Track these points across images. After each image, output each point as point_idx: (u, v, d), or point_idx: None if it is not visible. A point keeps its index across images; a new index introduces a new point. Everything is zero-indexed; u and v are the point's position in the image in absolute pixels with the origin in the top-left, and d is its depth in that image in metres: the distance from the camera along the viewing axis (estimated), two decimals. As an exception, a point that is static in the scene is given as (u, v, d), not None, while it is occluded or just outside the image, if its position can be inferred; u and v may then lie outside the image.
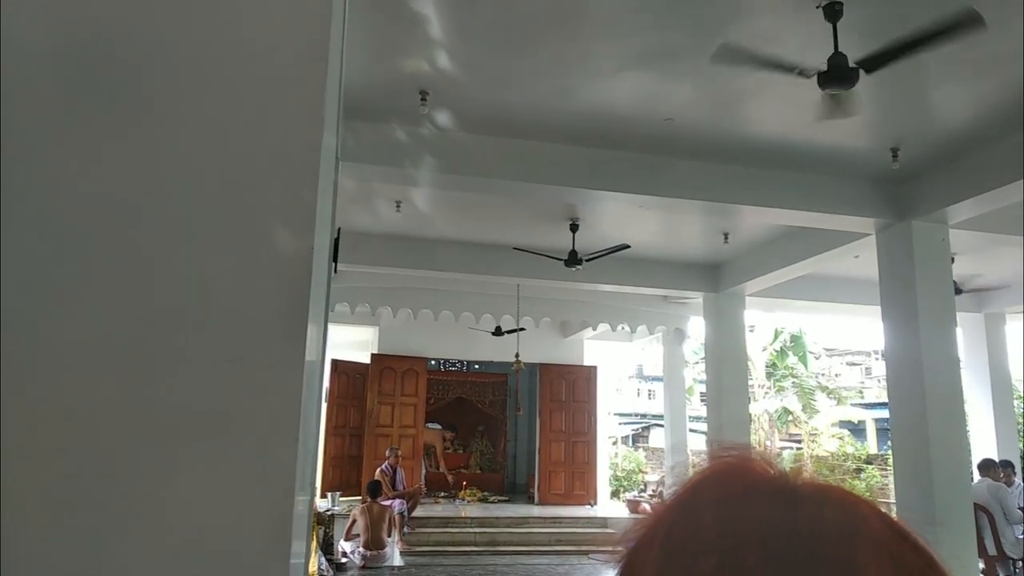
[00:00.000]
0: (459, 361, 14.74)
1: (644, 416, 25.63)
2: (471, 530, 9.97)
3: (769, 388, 15.74)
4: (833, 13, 3.62)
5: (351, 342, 13.26)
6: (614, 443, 18.13)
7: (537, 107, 5.08)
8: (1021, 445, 10.80)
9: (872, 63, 3.59)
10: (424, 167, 5.54)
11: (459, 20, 4.06)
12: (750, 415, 9.79)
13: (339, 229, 5.75)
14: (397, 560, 8.16)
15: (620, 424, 21.50)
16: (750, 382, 13.01)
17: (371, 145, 5.40)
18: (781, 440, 16.54)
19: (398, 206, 6.97)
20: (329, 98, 1.04)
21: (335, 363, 12.01)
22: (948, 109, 4.92)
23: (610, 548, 0.45)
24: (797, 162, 5.88)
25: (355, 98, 4.94)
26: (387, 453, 10.26)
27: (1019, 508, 7.15)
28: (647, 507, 11.06)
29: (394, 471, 9.98)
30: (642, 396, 29.73)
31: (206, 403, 0.86)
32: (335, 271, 5.98)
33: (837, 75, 3.69)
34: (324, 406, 11.35)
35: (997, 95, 4.66)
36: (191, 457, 0.85)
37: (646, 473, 15.95)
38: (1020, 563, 7.07)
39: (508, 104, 5.07)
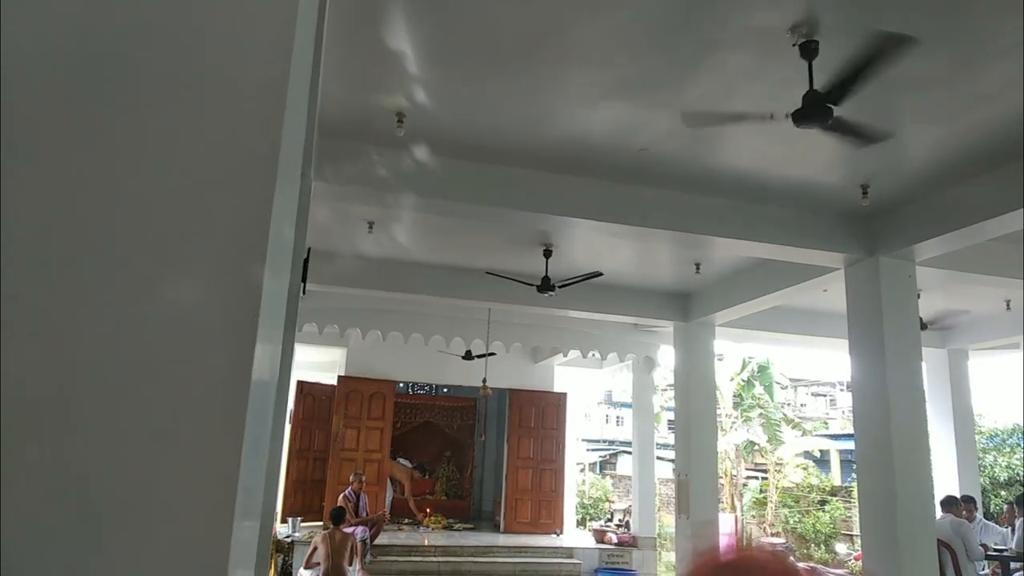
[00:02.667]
0: (428, 385, 14.59)
1: (612, 443, 25.57)
2: (435, 559, 9.79)
3: (736, 418, 15.79)
4: (809, 51, 3.66)
5: (318, 363, 13.07)
6: (582, 470, 18.05)
7: (512, 133, 5.07)
8: (982, 480, 10.95)
9: (836, 94, 3.65)
10: (398, 190, 5.48)
11: (436, 46, 4.04)
12: (716, 447, 9.78)
13: (309, 249, 5.65)
14: (358, 589, 7.95)
15: (588, 450, 21.44)
16: (718, 411, 13.05)
17: (345, 166, 5.34)
18: (747, 469, 16.58)
19: (371, 227, 6.90)
20: (292, 114, 1.00)
21: (300, 384, 11.81)
22: (917, 148, 5.00)
23: None
24: (769, 195, 5.94)
25: (330, 119, 4.88)
26: (351, 478, 10.06)
27: (980, 544, 7.21)
28: (612, 536, 10.98)
29: (357, 497, 9.77)
30: (610, 422, 29.69)
31: (135, 418, 0.82)
32: (304, 291, 5.85)
33: (812, 113, 3.73)
34: (288, 428, 11.12)
35: (965, 135, 4.75)
36: (115, 472, 0.80)
37: (613, 502, 15.87)
38: (981, 599, 7.12)
39: (483, 129, 5.05)
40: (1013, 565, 7.10)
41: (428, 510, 12.62)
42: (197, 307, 0.86)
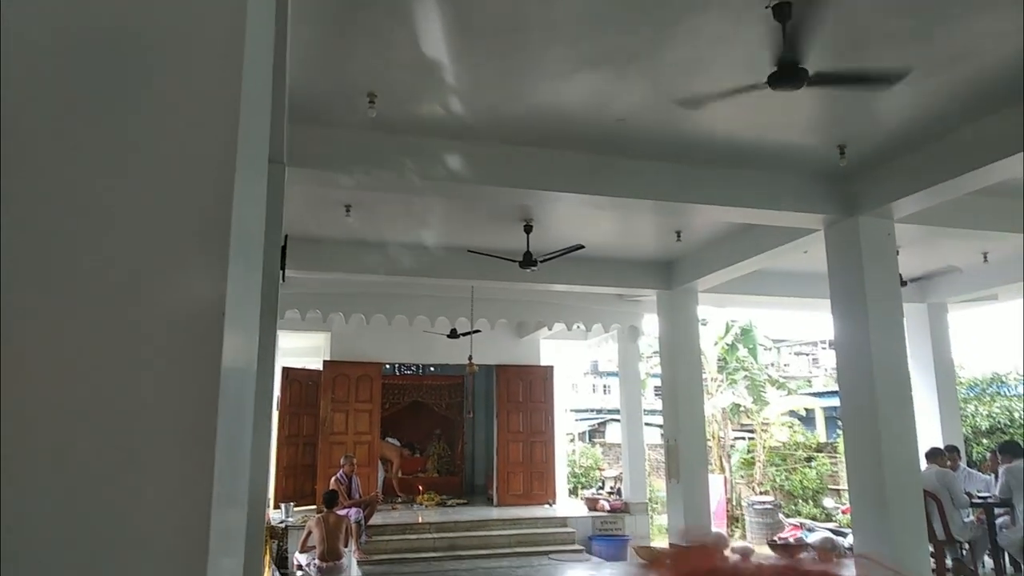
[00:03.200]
0: (414, 365, 14.58)
1: (600, 412, 25.74)
2: (430, 536, 9.86)
3: (722, 381, 15.95)
4: (782, 14, 3.63)
5: (302, 349, 13.01)
6: (571, 440, 18.19)
7: (489, 109, 5.01)
8: (964, 430, 11.17)
9: (816, 79, 3.71)
10: (373, 171, 5.42)
11: (407, 24, 3.96)
12: (704, 411, 9.88)
13: (286, 236, 5.55)
14: (355, 571, 7.99)
15: (577, 420, 21.59)
16: (704, 375, 13.17)
17: (320, 150, 5.26)
18: (734, 431, 16.78)
19: (348, 210, 6.81)
20: (251, 103, 0.99)
21: (286, 371, 11.76)
22: (893, 107, 5.00)
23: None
24: (747, 160, 5.93)
25: (302, 102, 4.80)
26: (342, 461, 10.07)
27: (965, 492, 7.37)
28: (605, 504, 11.11)
29: (349, 479, 9.79)
30: (598, 392, 29.91)
31: (106, 410, 0.81)
32: (283, 278, 5.71)
33: (786, 75, 3.72)
34: (275, 415, 11.09)
35: (940, 93, 4.76)
36: (84, 466, 0.79)
37: (603, 470, 16.04)
38: (968, 546, 7.28)
39: (459, 106, 4.98)
40: (997, 511, 7.26)
41: (421, 488, 12.69)
42: (161, 299, 0.85)
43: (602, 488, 12.88)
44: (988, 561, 7.55)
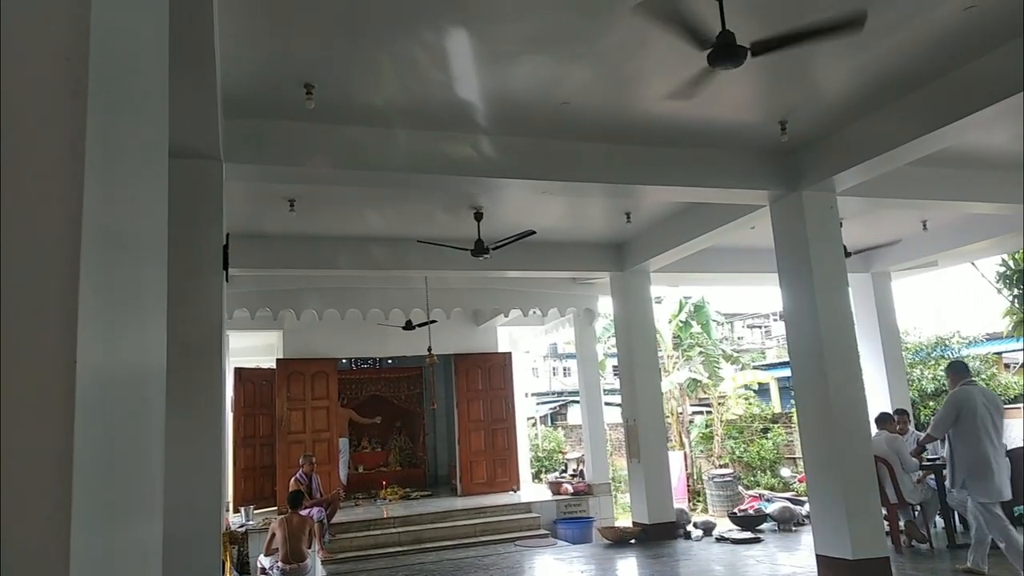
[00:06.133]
0: (371, 359, 14.42)
1: (560, 394, 25.92)
2: (395, 530, 9.78)
3: (678, 358, 16.16)
4: (719, -10, 3.61)
5: (254, 348, 12.76)
6: (533, 424, 18.26)
7: (430, 95, 4.91)
8: (911, 394, 11.52)
9: (759, 48, 3.66)
10: (316, 163, 5.29)
11: (342, 11, 3.84)
12: (661, 389, 9.99)
13: (227, 235, 5.38)
14: (319, 571, 7.89)
15: (538, 405, 21.68)
16: (659, 354, 13.31)
17: (259, 144, 5.11)
18: (692, 406, 17.04)
19: (292, 205, 6.65)
20: (114, 92, 0.92)
21: (239, 371, 11.53)
22: (831, 81, 5.06)
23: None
24: (691, 139, 5.96)
25: (239, 96, 4.64)
26: (301, 460, 9.91)
27: (912, 456, 7.58)
28: (568, 487, 11.18)
29: (309, 478, 9.64)
30: (558, 374, 30.09)
31: None
32: (227, 278, 5.55)
33: (725, 53, 3.70)
34: (229, 416, 10.86)
35: (875, 65, 4.82)
36: None
37: (566, 452, 16.14)
38: (919, 507, 7.51)
39: (400, 93, 4.88)
40: (945, 472, 7.49)
41: (384, 482, 12.59)
42: (8, 300, 0.79)
43: (565, 471, 12.96)
44: (939, 521, 7.80)
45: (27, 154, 0.83)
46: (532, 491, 12.18)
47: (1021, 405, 12.50)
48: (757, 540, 8.36)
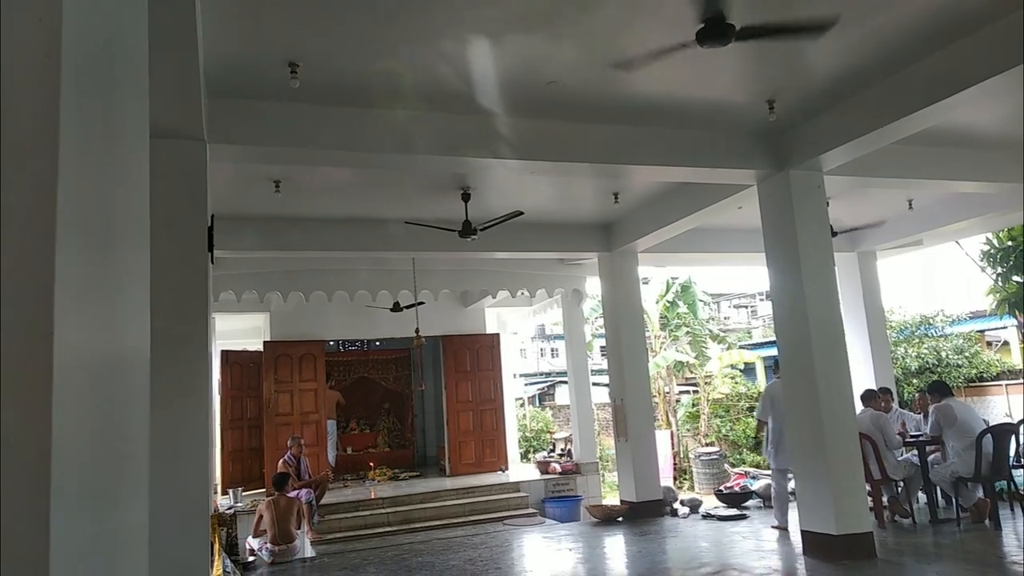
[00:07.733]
0: (359, 341, 14.40)
1: (548, 375, 26.01)
2: (384, 511, 9.82)
3: (665, 338, 16.25)
4: (707, -32, 3.59)
5: (241, 330, 12.71)
6: (521, 405, 18.35)
7: (417, 75, 4.86)
8: (896, 371, 11.64)
9: (743, 34, 3.69)
10: (301, 144, 5.23)
11: (323, -15, 3.78)
12: (648, 369, 10.04)
13: (212, 216, 5.32)
14: (308, 552, 7.91)
15: (526, 385, 21.78)
16: (647, 334, 13.37)
17: (243, 124, 5.05)
18: (679, 386, 17.16)
19: (277, 186, 6.59)
20: (93, 75, 0.89)
21: (225, 354, 11.48)
22: (819, 60, 5.04)
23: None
24: (679, 119, 5.93)
25: (222, 76, 4.57)
26: (289, 443, 9.92)
27: (898, 434, 7.67)
28: (556, 466, 11.26)
29: (298, 460, 9.66)
30: (546, 355, 30.18)
31: None
32: (212, 260, 5.50)
33: (714, 32, 3.70)
34: (217, 399, 10.84)
35: (864, 44, 4.81)
36: None
37: (554, 432, 16.24)
38: (902, 483, 7.62)
39: (385, 73, 4.82)
40: (928, 448, 7.60)
41: (372, 464, 12.63)
42: None
43: (553, 451, 13.04)
44: (922, 497, 7.92)
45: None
46: (520, 471, 12.25)
47: (1004, 383, 12.68)
48: (743, 517, 8.46)
